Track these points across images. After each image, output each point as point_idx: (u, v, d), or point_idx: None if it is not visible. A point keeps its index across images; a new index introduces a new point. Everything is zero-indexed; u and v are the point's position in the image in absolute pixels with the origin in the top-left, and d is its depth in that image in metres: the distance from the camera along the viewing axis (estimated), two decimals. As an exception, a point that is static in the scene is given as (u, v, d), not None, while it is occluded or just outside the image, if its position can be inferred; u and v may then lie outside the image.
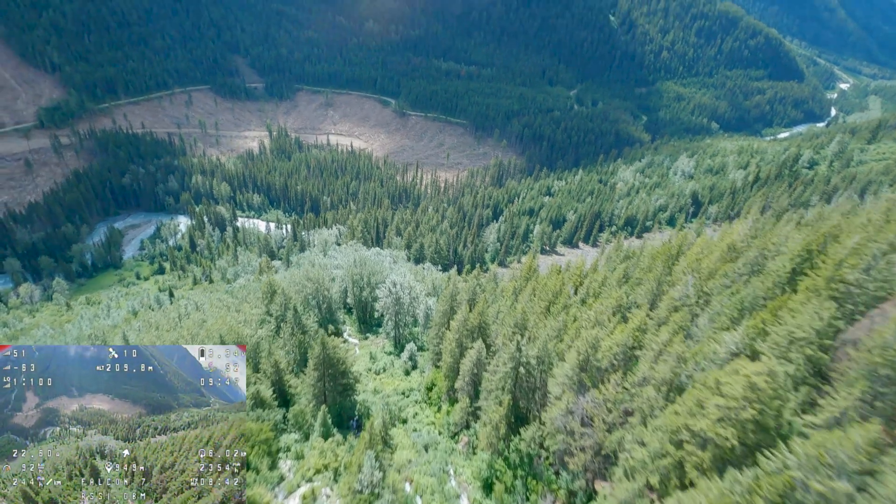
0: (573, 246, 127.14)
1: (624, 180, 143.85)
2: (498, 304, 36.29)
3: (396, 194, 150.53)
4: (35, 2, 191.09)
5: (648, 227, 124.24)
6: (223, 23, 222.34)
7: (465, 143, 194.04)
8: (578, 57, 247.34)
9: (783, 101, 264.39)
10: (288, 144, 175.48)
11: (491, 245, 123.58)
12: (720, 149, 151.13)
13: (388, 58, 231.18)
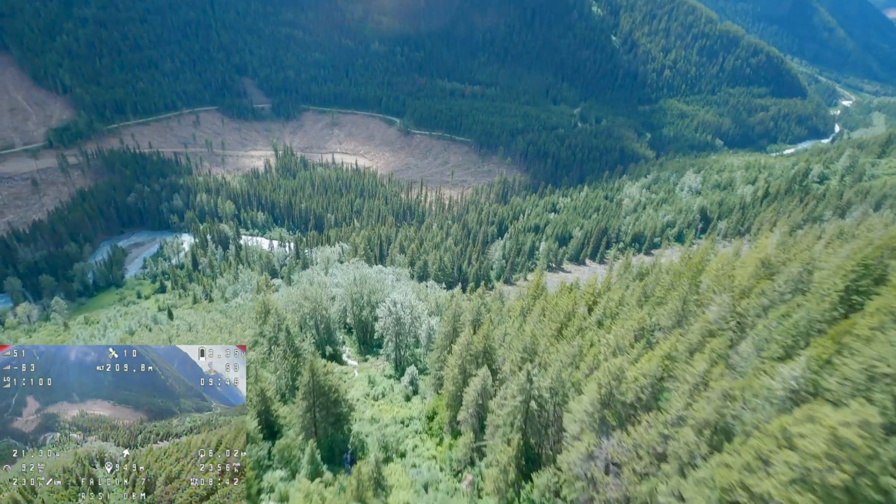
0: (580, 263, 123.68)
1: (630, 196, 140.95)
2: (504, 326, 33.06)
3: (401, 212, 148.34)
4: (49, 27, 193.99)
5: (657, 244, 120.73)
6: (232, 46, 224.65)
7: (470, 161, 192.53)
8: (581, 76, 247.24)
9: (787, 117, 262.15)
10: (293, 163, 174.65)
11: (496, 262, 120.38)
12: (727, 164, 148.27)
13: (394, 78, 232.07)
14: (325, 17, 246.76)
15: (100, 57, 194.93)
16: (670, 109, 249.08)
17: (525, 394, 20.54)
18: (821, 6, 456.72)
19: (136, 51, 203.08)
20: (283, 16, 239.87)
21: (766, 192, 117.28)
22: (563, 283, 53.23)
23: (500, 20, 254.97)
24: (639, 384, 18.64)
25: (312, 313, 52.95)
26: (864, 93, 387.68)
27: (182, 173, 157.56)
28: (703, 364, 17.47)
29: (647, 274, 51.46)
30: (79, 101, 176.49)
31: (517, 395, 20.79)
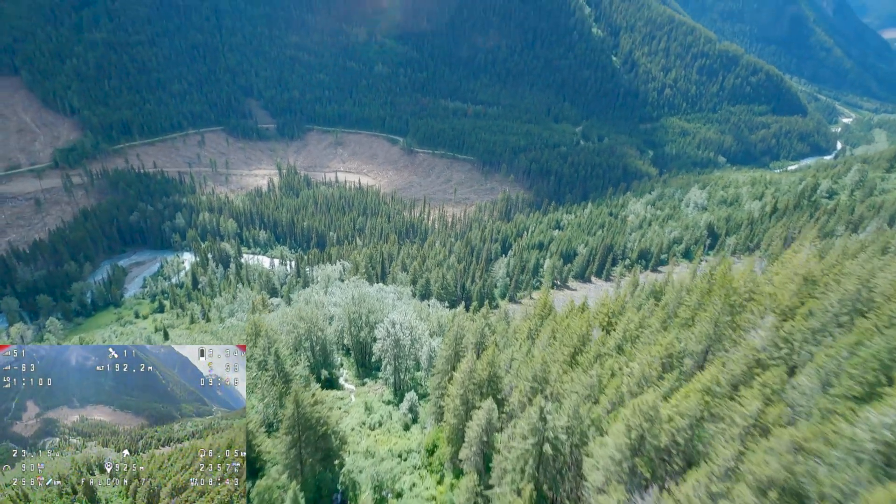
0: (585, 280, 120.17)
1: (635, 213, 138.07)
2: (511, 350, 29.78)
3: (403, 229, 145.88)
4: (60, 51, 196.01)
5: (663, 260, 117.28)
6: (239, 68, 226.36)
7: (473, 179, 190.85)
8: (582, 95, 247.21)
9: (788, 134, 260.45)
10: (296, 182, 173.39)
11: (500, 280, 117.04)
12: (732, 180, 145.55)
13: (397, 98, 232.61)
14: (330, 40, 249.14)
15: (108, 79, 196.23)
16: (672, 127, 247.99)
17: (538, 435, 17.33)
18: (817, 27, 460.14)
19: (145, 73, 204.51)
20: (289, 39, 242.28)
21: (774, 208, 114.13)
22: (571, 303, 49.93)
23: (502, 41, 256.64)
24: (674, 425, 15.40)
25: (308, 334, 49.79)
26: (863, 110, 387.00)
27: (185, 192, 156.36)
28: (755, 402, 14.25)
29: (661, 292, 48.10)
30: (86, 122, 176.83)
31: (528, 436, 17.56)
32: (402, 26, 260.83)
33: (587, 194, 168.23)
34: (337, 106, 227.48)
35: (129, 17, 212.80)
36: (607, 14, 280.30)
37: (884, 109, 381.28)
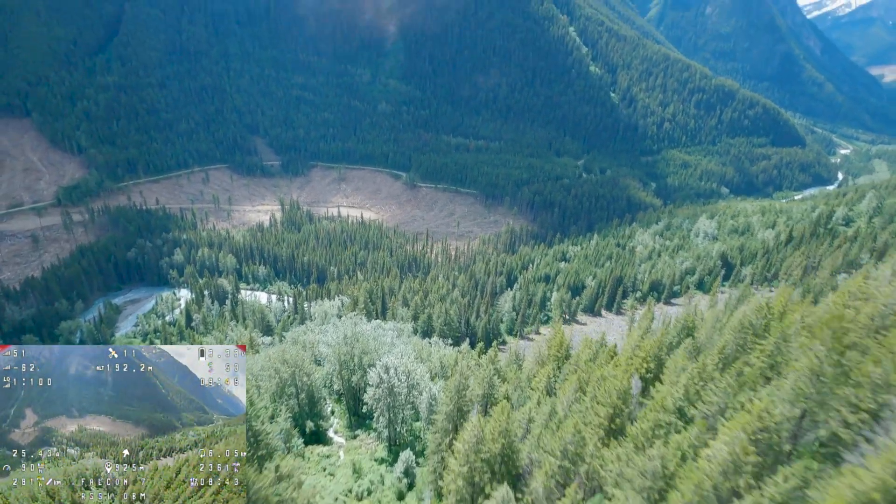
0: (595, 314, 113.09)
1: (643, 244, 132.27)
2: (528, 408, 23.30)
3: (406, 263, 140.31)
4: (72, 93, 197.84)
5: (676, 292, 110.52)
6: (245, 108, 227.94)
7: (476, 212, 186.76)
8: (583, 129, 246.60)
9: (789, 165, 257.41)
10: (299, 217, 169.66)
11: (506, 314, 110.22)
12: (741, 209, 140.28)
13: (400, 135, 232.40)
14: (335, 81, 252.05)
15: (117, 119, 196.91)
16: (673, 160, 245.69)
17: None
18: (807, 63, 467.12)
19: (153, 113, 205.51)
20: (295, 80, 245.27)
21: (789, 236, 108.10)
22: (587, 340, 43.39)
23: (502, 80, 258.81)
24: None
25: (292, 380, 43.30)
26: (859, 142, 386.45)
27: (186, 228, 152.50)
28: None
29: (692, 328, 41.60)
30: (92, 161, 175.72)
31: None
32: (406, 67, 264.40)
33: (592, 226, 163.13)
34: (341, 143, 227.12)
35: (140, 62, 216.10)
36: (604, 53, 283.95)
37: (880, 141, 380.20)
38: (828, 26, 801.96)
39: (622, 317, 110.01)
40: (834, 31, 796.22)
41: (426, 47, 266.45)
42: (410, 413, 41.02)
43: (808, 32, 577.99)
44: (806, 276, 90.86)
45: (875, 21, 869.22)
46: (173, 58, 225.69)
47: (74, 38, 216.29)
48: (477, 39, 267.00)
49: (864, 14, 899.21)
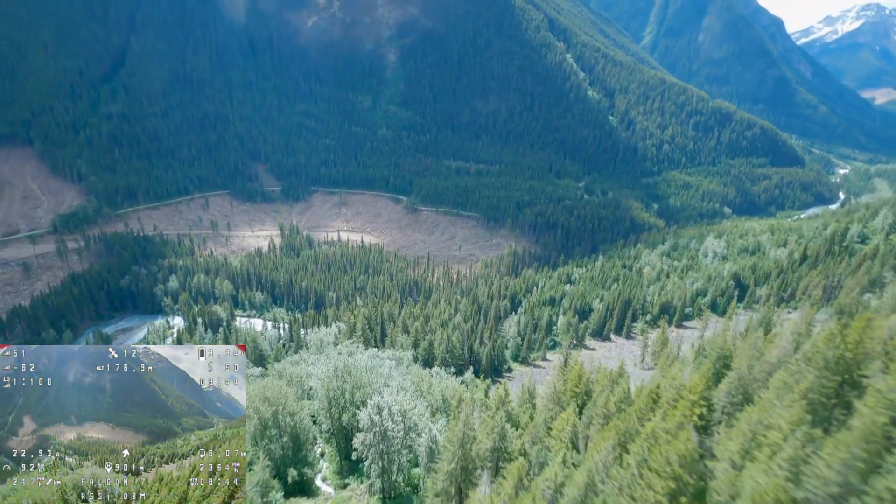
0: (604, 338, 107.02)
1: (650, 265, 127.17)
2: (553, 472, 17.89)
3: (406, 287, 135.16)
4: (75, 123, 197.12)
5: (688, 315, 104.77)
6: (247, 135, 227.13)
7: (478, 235, 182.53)
8: (583, 152, 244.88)
9: (790, 185, 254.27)
10: (298, 242, 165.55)
11: (511, 340, 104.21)
12: (748, 228, 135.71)
13: (401, 160, 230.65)
14: (336, 108, 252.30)
15: (119, 147, 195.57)
16: (673, 181, 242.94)
17: None
18: (800, 87, 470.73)
19: (155, 141, 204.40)
20: (297, 107, 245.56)
21: (803, 255, 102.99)
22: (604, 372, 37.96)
23: (502, 105, 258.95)
24: None
25: (274, 420, 37.81)
26: (857, 162, 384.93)
27: (183, 254, 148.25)
28: None
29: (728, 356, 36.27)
30: (91, 188, 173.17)
31: None
32: (406, 94, 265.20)
33: (596, 247, 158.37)
34: (342, 168, 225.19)
35: (144, 91, 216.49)
36: (601, 78, 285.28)
37: (877, 160, 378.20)
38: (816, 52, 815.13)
39: (633, 341, 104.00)
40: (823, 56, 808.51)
41: (426, 75, 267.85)
42: (408, 458, 35.40)
43: (799, 58, 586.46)
44: (827, 295, 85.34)
45: (862, 46, 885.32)
46: (177, 87, 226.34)
47: (81, 69, 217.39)
48: (476, 66, 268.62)
49: (851, 40, 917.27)
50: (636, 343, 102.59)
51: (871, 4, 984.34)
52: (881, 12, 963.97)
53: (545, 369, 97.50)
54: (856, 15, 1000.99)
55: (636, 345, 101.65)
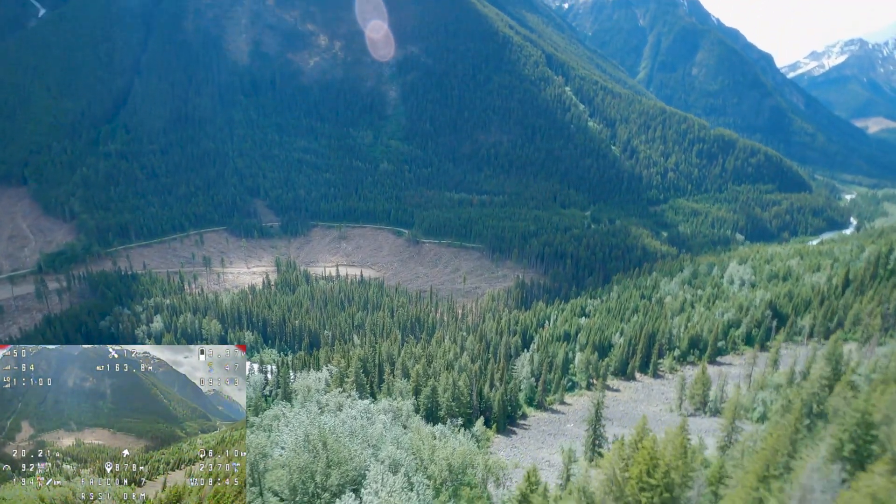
0: (628, 377, 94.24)
1: (672, 294, 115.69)
2: None
3: (408, 324, 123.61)
4: (72, 162, 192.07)
5: (722, 349, 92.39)
6: (247, 171, 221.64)
7: (483, 267, 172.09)
8: (587, 181, 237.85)
9: (801, 210, 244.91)
10: (294, 277, 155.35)
11: (524, 381, 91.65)
12: (774, 254, 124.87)
13: (402, 192, 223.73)
14: (337, 143, 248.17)
15: (116, 185, 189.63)
16: (681, 208, 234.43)
17: None
18: (796, 116, 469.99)
19: (153, 178, 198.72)
20: (298, 143, 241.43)
21: (845, 280, 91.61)
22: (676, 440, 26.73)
23: (503, 137, 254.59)
24: None
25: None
26: (861, 187, 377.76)
27: (171, 292, 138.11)
28: None
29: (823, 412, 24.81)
30: (82, 227, 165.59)
31: None
32: (407, 128, 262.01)
33: (609, 277, 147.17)
34: (342, 202, 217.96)
35: (144, 130, 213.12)
36: (601, 109, 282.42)
37: (882, 185, 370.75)
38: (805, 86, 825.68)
39: (661, 380, 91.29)
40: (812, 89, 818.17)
41: (427, 109, 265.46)
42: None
43: (791, 90, 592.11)
44: (887, 323, 73.48)
45: (850, 79, 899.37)
46: (177, 125, 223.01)
47: (83, 110, 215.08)
48: (476, 100, 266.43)
49: (839, 73, 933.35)
50: (666, 383, 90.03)
51: (854, 39, 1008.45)
52: (864, 47, 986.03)
53: (565, 414, 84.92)
54: (840, 50, 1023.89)
55: (667, 385, 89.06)
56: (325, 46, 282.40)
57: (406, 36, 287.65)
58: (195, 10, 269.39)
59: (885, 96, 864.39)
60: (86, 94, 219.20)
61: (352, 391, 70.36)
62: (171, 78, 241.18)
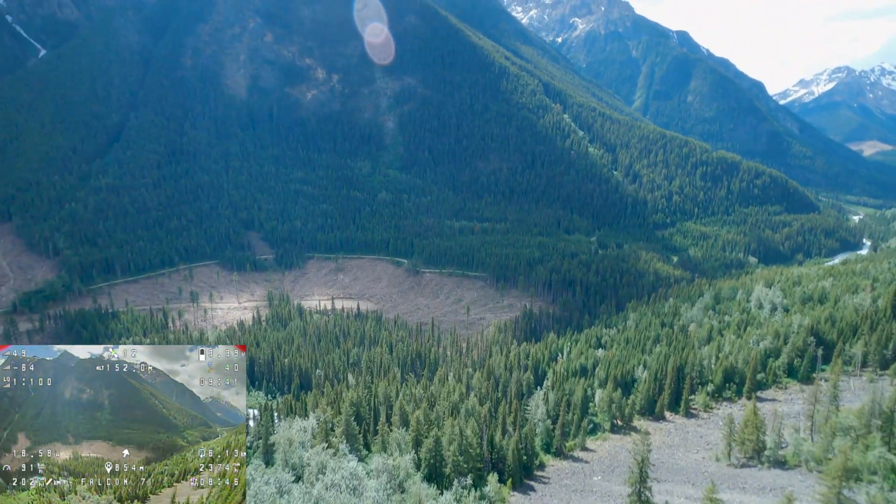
0: (657, 417, 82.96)
1: (695, 321, 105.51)
2: None
3: (408, 360, 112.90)
4: (60, 197, 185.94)
5: (762, 383, 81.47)
6: (242, 203, 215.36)
7: (487, 296, 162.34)
8: (590, 207, 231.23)
9: (812, 231, 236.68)
10: (286, 312, 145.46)
11: (539, 423, 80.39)
12: (802, 275, 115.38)
13: (401, 222, 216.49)
14: (335, 174, 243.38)
15: (104, 220, 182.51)
16: (689, 232, 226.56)
17: None
18: (793, 140, 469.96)
19: (144, 212, 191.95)
20: (295, 174, 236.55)
21: (894, 301, 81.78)
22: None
23: (503, 164, 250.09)
24: None
25: None
26: (867, 208, 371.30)
27: (152, 330, 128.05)
28: None
29: None
30: (65, 263, 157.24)
31: None
32: (405, 158, 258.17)
33: (622, 303, 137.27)
34: (339, 233, 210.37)
35: (137, 164, 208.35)
36: (600, 135, 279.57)
37: (889, 205, 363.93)
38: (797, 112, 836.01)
39: (696, 420, 79.92)
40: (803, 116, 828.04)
41: (425, 139, 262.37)
42: None
43: (784, 115, 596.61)
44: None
45: (840, 104, 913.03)
46: (172, 159, 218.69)
47: (75, 145, 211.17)
48: (475, 129, 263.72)
49: (829, 99, 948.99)
50: (702, 423, 78.79)
51: (840, 67, 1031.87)
52: (852, 74, 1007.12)
53: (588, 463, 73.37)
54: (828, 78, 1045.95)
55: (703, 425, 77.82)
56: (323, 79, 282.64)
57: (403, 68, 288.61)
58: (193, 48, 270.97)
59: (877, 120, 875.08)
60: (79, 129, 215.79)
61: (341, 443, 59.75)
62: (167, 112, 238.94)
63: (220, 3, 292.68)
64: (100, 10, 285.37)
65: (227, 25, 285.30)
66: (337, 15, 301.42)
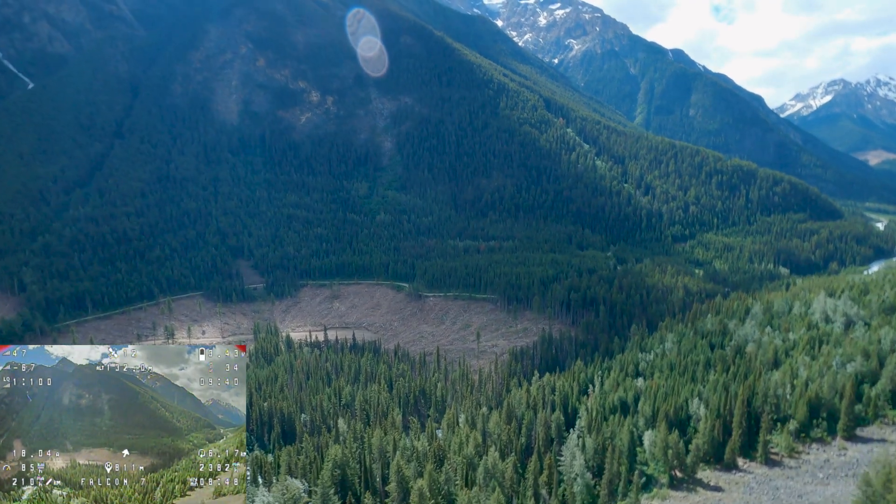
0: (726, 467, 65.31)
1: (752, 339, 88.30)
2: None
3: (411, 399, 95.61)
4: (34, 229, 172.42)
5: (862, 418, 63.93)
6: (230, 230, 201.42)
7: (498, 320, 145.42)
8: (603, 221, 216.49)
9: (843, 238, 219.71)
10: (272, 346, 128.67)
11: (578, 479, 62.96)
12: (868, 282, 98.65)
13: (401, 243, 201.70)
14: (330, 197, 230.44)
15: (80, 252, 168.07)
16: (711, 243, 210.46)
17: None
18: (801, 150, 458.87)
19: (124, 243, 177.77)
20: (288, 198, 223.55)
21: None
22: None
23: (507, 181, 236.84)
24: None
25: None
26: (888, 214, 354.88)
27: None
28: None
29: None
30: (30, 300, 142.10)
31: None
32: (404, 178, 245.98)
33: (654, 323, 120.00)
34: (335, 257, 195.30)
35: (119, 193, 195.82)
36: (607, 147, 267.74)
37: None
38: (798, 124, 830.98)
39: (780, 469, 62.01)
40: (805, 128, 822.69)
41: (424, 158, 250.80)
42: None
43: (787, 128, 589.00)
44: None
45: (840, 116, 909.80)
46: (157, 186, 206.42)
47: (55, 175, 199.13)
48: (475, 146, 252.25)
49: (828, 111, 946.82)
50: (790, 472, 60.97)
51: (836, 80, 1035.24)
52: (848, 86, 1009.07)
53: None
54: (824, 91, 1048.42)
55: (794, 477, 59.94)
56: (318, 102, 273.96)
57: (399, 87, 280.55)
58: (184, 75, 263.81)
59: (879, 130, 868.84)
60: (60, 159, 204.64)
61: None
62: (154, 140, 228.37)
63: (211, 31, 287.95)
64: (91, 42, 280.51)
65: (218, 52, 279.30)
66: (330, 37, 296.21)
